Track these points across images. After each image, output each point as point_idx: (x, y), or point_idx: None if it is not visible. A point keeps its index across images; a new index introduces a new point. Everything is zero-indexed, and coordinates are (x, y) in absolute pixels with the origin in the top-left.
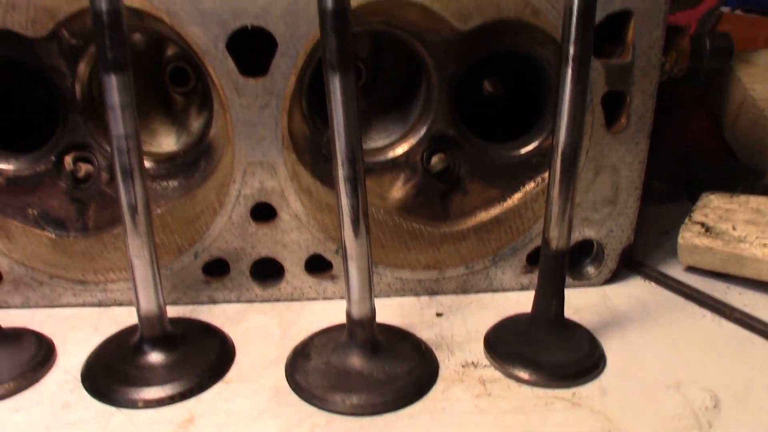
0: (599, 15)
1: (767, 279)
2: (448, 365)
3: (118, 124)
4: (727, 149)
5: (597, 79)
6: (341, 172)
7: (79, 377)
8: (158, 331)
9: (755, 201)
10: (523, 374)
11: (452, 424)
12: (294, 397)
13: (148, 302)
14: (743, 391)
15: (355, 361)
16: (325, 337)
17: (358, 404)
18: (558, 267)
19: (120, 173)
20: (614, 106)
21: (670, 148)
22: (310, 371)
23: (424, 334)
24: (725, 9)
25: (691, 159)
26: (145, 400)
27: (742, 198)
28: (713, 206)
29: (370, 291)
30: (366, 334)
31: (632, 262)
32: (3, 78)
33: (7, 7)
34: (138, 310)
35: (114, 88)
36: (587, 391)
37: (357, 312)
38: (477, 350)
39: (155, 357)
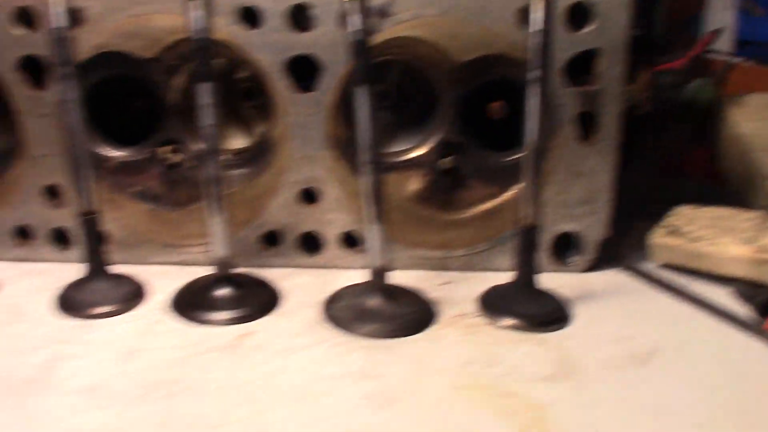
0: (572, 51)
1: (721, 272)
2: (445, 314)
3: (205, 117)
4: (722, 178)
5: (571, 102)
6: (363, 157)
7: (166, 307)
8: (227, 271)
9: (718, 211)
10: (502, 321)
11: (441, 348)
12: (327, 324)
13: (221, 249)
14: (680, 344)
15: (374, 302)
16: (352, 288)
17: (371, 330)
18: (530, 239)
19: (206, 151)
20: (587, 124)
21: (667, 175)
22: (339, 308)
23: (430, 296)
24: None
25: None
26: (217, 320)
27: (708, 208)
28: (682, 214)
29: (386, 247)
30: (382, 280)
31: (613, 257)
32: (118, 89)
33: (128, 35)
34: (214, 255)
35: (204, 92)
36: (552, 336)
37: (376, 262)
38: (470, 308)
39: (225, 291)
